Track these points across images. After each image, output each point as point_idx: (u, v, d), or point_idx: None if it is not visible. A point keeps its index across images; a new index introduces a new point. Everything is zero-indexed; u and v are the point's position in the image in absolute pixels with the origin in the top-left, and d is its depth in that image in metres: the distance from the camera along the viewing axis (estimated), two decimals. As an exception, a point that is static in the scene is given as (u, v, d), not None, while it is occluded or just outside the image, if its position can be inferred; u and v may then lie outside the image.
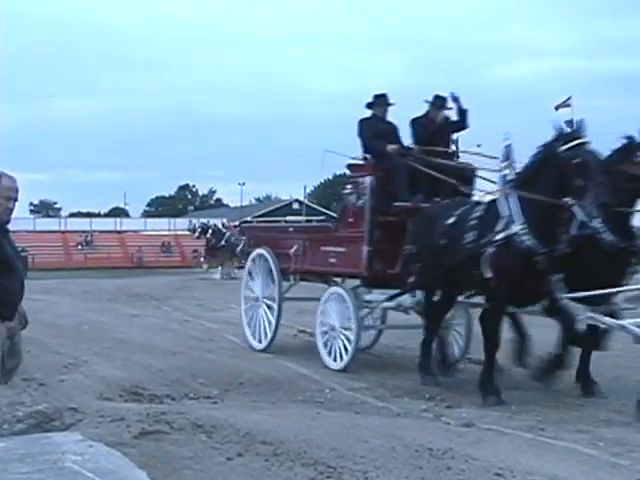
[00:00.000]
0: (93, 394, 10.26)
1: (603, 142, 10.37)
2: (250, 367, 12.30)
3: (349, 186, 13.12)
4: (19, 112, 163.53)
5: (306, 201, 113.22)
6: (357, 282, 13.37)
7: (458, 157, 13.15)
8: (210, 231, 42.40)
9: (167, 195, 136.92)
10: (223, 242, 40.09)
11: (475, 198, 11.94)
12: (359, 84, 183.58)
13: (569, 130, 9.93)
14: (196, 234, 44.00)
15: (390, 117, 13.25)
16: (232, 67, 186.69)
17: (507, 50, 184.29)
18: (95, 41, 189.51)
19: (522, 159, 10.48)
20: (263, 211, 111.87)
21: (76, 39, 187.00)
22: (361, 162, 13.07)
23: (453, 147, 13.25)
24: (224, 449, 7.33)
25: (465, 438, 7.91)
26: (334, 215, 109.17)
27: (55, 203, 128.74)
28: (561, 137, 9.67)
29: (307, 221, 51.03)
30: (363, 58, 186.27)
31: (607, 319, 9.81)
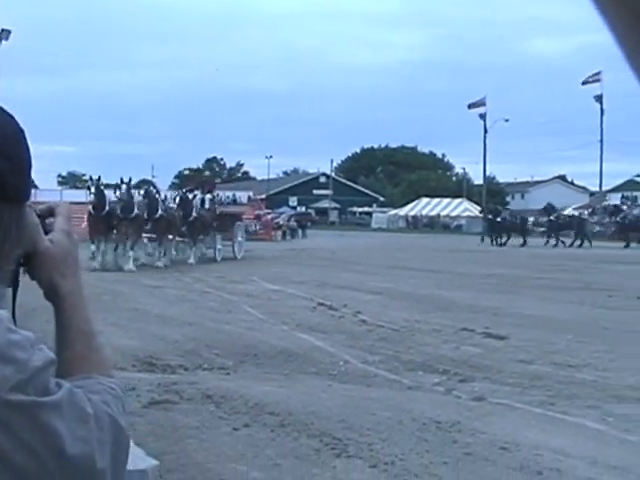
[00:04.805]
0: (110, 362, 10.29)
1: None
2: (266, 339, 12.29)
3: None
4: (49, 84, 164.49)
5: (333, 174, 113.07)
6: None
7: None
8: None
9: (195, 167, 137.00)
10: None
11: None
12: (384, 57, 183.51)
13: None
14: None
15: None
16: (261, 40, 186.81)
17: (533, 25, 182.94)
18: (126, 14, 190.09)
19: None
20: (290, 184, 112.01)
21: (107, 12, 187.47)
22: None
23: None
24: (231, 419, 7.36)
25: (474, 412, 7.89)
26: (362, 189, 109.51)
27: (83, 175, 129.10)
28: None
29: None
30: (389, 32, 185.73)
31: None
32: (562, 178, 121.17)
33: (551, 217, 48.94)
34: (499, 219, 49.06)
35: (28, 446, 1.20)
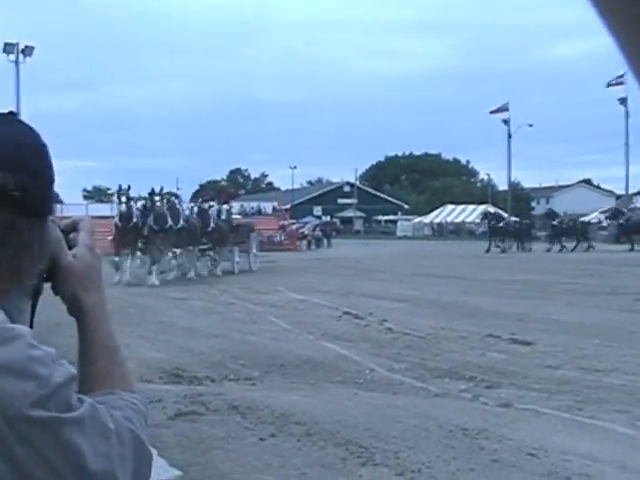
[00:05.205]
0: (133, 376, 10.33)
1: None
2: (291, 349, 12.29)
3: None
4: (73, 100, 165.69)
5: (357, 183, 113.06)
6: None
7: None
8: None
9: (219, 179, 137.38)
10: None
11: None
12: (405, 66, 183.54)
13: None
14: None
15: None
16: (281, 51, 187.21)
17: (555, 29, 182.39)
18: (144, 28, 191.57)
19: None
20: (314, 194, 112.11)
21: (126, 26, 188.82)
22: None
23: None
24: (257, 430, 7.36)
25: (501, 418, 7.85)
26: (387, 198, 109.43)
27: (108, 189, 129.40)
28: None
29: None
30: (409, 41, 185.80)
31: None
32: (588, 182, 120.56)
33: (554, 222, 48.97)
34: (501, 224, 48.97)
35: (49, 462, 1.21)
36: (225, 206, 31.21)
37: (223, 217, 29.99)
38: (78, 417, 1.24)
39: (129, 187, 26.23)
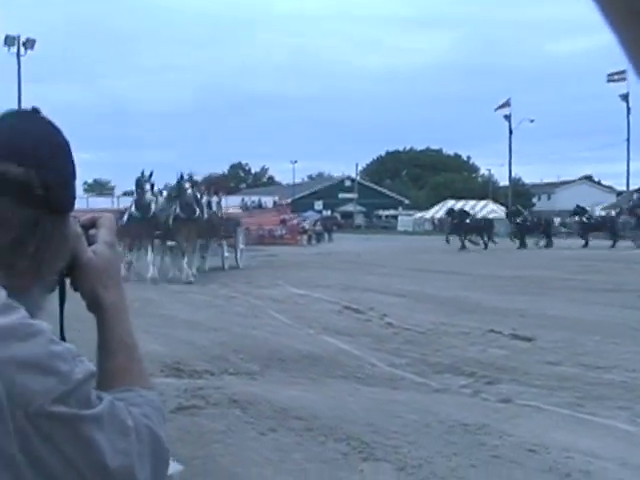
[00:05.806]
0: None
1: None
2: (292, 343, 12.27)
3: None
4: (72, 92, 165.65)
5: (358, 178, 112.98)
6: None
7: None
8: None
9: (220, 173, 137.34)
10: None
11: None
12: (408, 60, 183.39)
13: None
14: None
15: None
16: (282, 44, 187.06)
17: (558, 25, 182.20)
18: (142, 19, 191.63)
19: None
20: (315, 188, 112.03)
21: (125, 18, 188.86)
22: None
23: None
24: (257, 424, 7.36)
25: (501, 414, 7.85)
26: (387, 193, 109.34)
27: (109, 182, 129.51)
28: None
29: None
30: (411, 35, 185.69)
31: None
32: (589, 178, 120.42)
33: (517, 220, 49.46)
34: (468, 221, 49.06)
35: (69, 459, 1.21)
36: (215, 198, 29.30)
37: (213, 209, 27.94)
38: (97, 414, 1.24)
39: (151, 173, 24.46)
